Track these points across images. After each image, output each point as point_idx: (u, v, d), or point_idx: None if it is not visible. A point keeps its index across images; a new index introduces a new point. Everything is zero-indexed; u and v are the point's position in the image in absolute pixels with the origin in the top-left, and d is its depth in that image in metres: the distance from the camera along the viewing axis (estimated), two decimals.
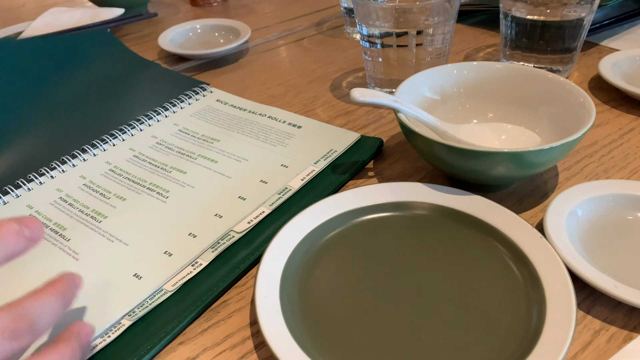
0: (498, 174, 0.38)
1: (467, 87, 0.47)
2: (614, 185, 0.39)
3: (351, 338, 0.31)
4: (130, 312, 0.33)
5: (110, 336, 0.31)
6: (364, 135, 0.48)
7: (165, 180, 0.44)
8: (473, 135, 0.44)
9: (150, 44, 0.74)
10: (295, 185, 0.42)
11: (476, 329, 0.31)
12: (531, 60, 0.56)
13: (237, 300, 0.35)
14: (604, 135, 0.48)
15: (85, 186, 0.44)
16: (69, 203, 0.42)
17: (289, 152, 0.47)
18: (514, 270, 0.34)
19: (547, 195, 0.41)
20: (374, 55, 0.53)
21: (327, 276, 0.35)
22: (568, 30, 0.53)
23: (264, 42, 0.73)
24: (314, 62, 0.66)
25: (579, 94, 0.41)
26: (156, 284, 0.35)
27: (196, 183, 0.44)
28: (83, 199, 0.43)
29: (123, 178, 0.45)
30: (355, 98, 0.39)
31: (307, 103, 0.56)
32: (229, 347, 0.32)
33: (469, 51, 0.65)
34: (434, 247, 0.36)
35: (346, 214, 0.38)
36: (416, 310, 0.32)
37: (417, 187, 0.40)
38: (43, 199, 0.43)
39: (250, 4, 0.89)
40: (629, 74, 0.54)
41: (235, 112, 0.54)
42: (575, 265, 0.32)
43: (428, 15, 0.50)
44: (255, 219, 0.39)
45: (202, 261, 0.36)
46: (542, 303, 0.31)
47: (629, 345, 0.30)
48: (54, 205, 0.42)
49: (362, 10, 0.51)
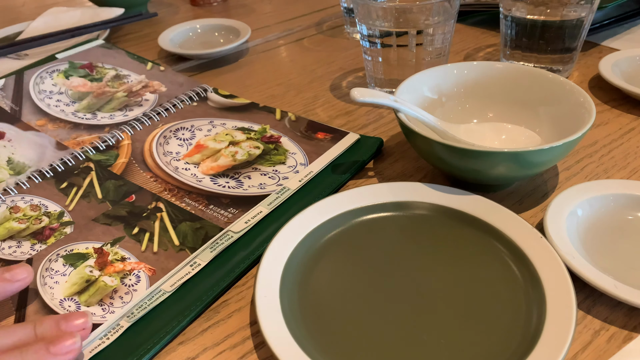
0: (498, 174, 0.38)
1: (467, 87, 0.47)
2: (614, 185, 0.39)
3: (351, 338, 0.31)
4: (129, 314, 0.33)
5: (109, 338, 0.31)
6: (364, 135, 0.48)
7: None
8: (473, 135, 0.44)
9: (150, 44, 0.74)
10: (292, 186, 0.42)
11: (476, 329, 0.31)
12: (531, 60, 0.56)
13: (237, 300, 0.35)
14: (604, 135, 0.48)
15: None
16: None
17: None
18: (514, 270, 0.34)
19: (547, 195, 0.41)
20: (374, 55, 0.53)
21: (327, 276, 0.35)
22: (568, 30, 0.52)
23: (264, 42, 0.73)
24: (314, 62, 0.66)
25: (579, 93, 0.41)
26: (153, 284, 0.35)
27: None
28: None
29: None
30: (355, 98, 0.39)
31: (307, 103, 0.56)
32: (229, 347, 0.32)
33: (469, 51, 0.65)
34: (434, 247, 0.36)
35: (346, 214, 0.38)
36: (416, 309, 0.32)
37: (417, 187, 0.40)
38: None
39: (250, 4, 0.89)
40: (629, 74, 0.54)
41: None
42: (575, 265, 0.32)
43: (428, 15, 0.50)
44: (253, 218, 0.39)
45: (200, 261, 0.36)
46: (542, 303, 0.31)
47: (629, 345, 0.30)
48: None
49: (362, 10, 0.51)
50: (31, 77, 0.59)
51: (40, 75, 0.59)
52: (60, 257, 0.37)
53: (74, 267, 0.36)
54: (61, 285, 0.35)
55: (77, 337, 0.29)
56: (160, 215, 0.41)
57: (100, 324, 0.32)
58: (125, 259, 0.37)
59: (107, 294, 0.34)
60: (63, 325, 0.30)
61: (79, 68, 0.60)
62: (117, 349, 0.31)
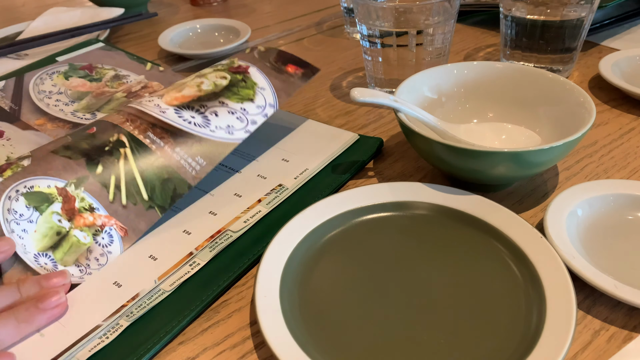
0: (498, 174, 0.38)
1: (467, 87, 0.47)
2: (614, 185, 0.39)
3: (351, 338, 0.31)
4: (128, 312, 0.33)
5: (108, 337, 0.31)
6: (364, 135, 0.48)
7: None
8: (473, 135, 0.44)
9: (150, 44, 0.74)
10: (289, 185, 0.42)
11: (476, 329, 0.31)
12: (531, 60, 0.56)
13: (237, 300, 0.35)
14: (604, 135, 0.48)
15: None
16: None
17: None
18: (514, 270, 0.34)
19: (547, 195, 0.41)
20: (374, 55, 0.53)
21: (327, 276, 0.35)
22: (568, 30, 0.52)
23: (264, 42, 0.73)
24: (314, 62, 0.66)
25: (579, 93, 0.41)
26: (152, 281, 0.35)
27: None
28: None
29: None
30: (355, 98, 0.39)
31: (307, 103, 0.56)
32: (229, 347, 0.32)
33: (469, 51, 0.65)
34: (434, 247, 0.36)
35: (346, 213, 0.38)
36: (416, 309, 0.32)
37: (417, 187, 0.39)
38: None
39: (250, 4, 0.89)
40: (629, 73, 0.54)
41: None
42: (575, 265, 0.32)
43: (428, 15, 0.50)
44: (252, 218, 0.39)
45: (199, 261, 0.36)
46: (542, 303, 0.31)
47: (629, 345, 0.30)
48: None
49: (362, 10, 0.51)
50: (31, 78, 0.59)
51: (40, 77, 0.59)
52: (21, 194, 0.36)
53: (39, 211, 0.35)
54: (30, 235, 0.35)
55: (62, 292, 0.32)
56: (124, 152, 0.38)
57: (78, 284, 0.33)
58: (94, 209, 0.36)
59: (82, 254, 0.34)
60: (44, 283, 0.33)
61: (79, 69, 0.60)
62: (116, 348, 0.31)
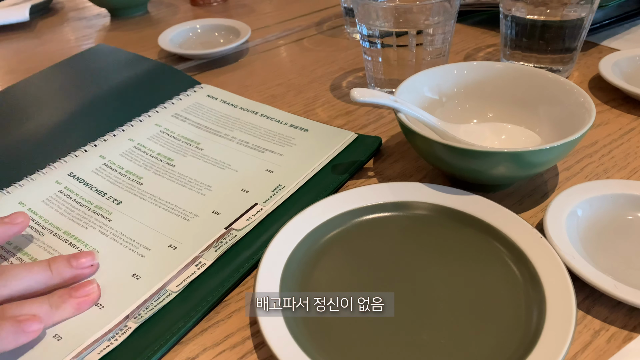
0: (498, 174, 0.38)
1: (467, 87, 0.47)
2: (614, 185, 0.39)
3: (351, 338, 0.31)
4: (136, 315, 0.33)
5: (117, 339, 0.31)
6: (362, 134, 0.48)
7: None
8: (473, 135, 0.44)
9: (150, 43, 0.74)
10: (289, 185, 0.42)
11: (476, 329, 0.31)
12: (531, 60, 0.56)
13: (237, 300, 0.35)
14: (604, 135, 0.48)
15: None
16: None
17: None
18: (514, 270, 0.34)
19: (547, 195, 0.41)
20: (374, 55, 0.53)
21: (327, 276, 0.35)
22: (568, 30, 0.52)
23: (264, 42, 0.73)
24: (314, 62, 0.66)
25: (579, 94, 0.41)
26: (158, 282, 0.35)
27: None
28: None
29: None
30: (355, 98, 0.39)
31: (307, 103, 0.56)
32: (229, 347, 0.32)
33: (469, 51, 0.65)
34: (434, 247, 0.36)
35: (346, 214, 0.38)
36: (416, 310, 0.32)
37: (417, 187, 0.39)
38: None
39: (250, 4, 0.89)
40: (629, 74, 0.54)
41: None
42: (575, 265, 0.32)
43: (428, 15, 0.50)
44: (255, 216, 0.39)
45: (205, 261, 0.36)
46: (542, 303, 0.31)
47: (629, 345, 0.30)
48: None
49: (362, 10, 0.51)
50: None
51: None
52: None
53: None
54: None
55: (95, 283, 0.34)
56: None
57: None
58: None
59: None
60: (74, 262, 0.34)
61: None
62: (123, 352, 0.31)
